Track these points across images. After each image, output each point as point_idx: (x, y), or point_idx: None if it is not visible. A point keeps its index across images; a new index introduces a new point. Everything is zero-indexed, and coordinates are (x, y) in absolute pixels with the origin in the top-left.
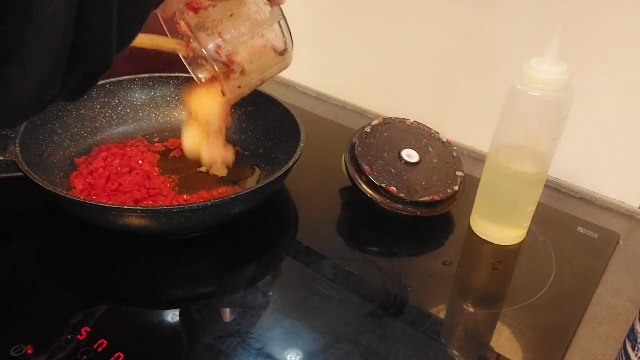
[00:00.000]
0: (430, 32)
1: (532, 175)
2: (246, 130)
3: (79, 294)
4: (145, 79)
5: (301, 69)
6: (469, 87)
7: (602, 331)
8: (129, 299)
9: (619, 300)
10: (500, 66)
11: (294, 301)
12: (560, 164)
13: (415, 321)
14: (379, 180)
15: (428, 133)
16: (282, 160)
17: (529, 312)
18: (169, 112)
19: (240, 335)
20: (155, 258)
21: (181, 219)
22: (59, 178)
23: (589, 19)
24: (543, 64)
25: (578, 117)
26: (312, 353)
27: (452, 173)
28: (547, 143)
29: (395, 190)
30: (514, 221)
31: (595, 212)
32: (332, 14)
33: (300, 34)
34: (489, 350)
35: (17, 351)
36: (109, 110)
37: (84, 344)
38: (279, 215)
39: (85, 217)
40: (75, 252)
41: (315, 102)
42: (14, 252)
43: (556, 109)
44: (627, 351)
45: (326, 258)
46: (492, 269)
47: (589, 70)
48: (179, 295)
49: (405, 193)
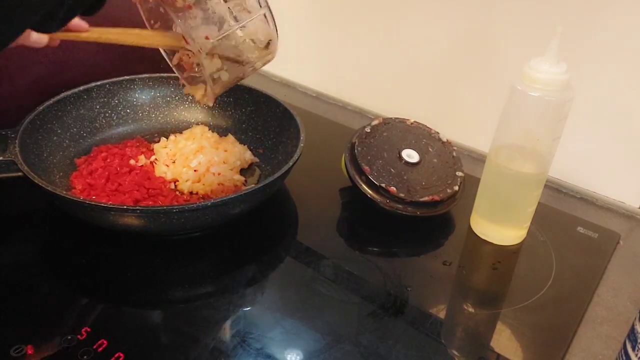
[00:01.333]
0: (430, 32)
1: (532, 175)
2: (246, 130)
3: (79, 294)
4: (145, 79)
5: (301, 69)
6: (469, 87)
7: (602, 331)
8: (129, 299)
9: (619, 300)
10: (500, 66)
11: (294, 301)
12: (560, 164)
13: (415, 321)
14: (378, 180)
15: (428, 133)
16: (282, 160)
17: (529, 312)
18: (169, 112)
19: (240, 335)
20: (155, 258)
21: (181, 219)
22: (58, 178)
23: (589, 18)
24: (543, 64)
25: (578, 117)
26: (312, 353)
27: (452, 173)
28: (547, 143)
29: (395, 190)
30: (514, 221)
31: (595, 212)
32: (332, 14)
33: (300, 34)
34: (489, 350)
35: (17, 351)
36: (108, 110)
37: (84, 344)
38: (279, 215)
39: (85, 217)
40: (75, 252)
41: (315, 102)
42: (14, 252)
43: (556, 109)
44: (627, 351)
45: (326, 258)
46: (492, 269)
47: (589, 70)
48: (179, 295)
49: (405, 193)
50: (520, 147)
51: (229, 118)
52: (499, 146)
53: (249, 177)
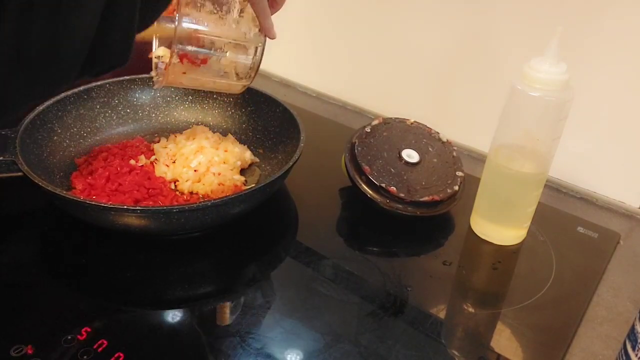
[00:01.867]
0: (430, 32)
1: (532, 175)
2: (246, 130)
3: (79, 294)
4: (145, 79)
5: (301, 69)
6: (469, 87)
7: (602, 331)
8: (129, 299)
9: (619, 300)
10: (500, 66)
11: (294, 301)
12: (560, 164)
13: (415, 321)
14: (378, 180)
15: (428, 133)
16: (282, 160)
17: (529, 312)
18: (169, 112)
19: (240, 335)
20: (155, 258)
21: (181, 219)
22: (58, 178)
23: (588, 18)
24: (543, 64)
25: (578, 117)
26: (312, 353)
27: (452, 173)
28: (547, 143)
29: (395, 190)
30: (514, 221)
31: (595, 212)
32: (332, 14)
33: (300, 34)
34: (489, 350)
35: (17, 351)
36: (108, 110)
37: (84, 344)
38: (279, 215)
39: (85, 217)
40: (75, 252)
41: (315, 102)
42: (14, 252)
43: (556, 109)
44: (627, 351)
45: (326, 258)
46: (492, 269)
47: (589, 70)
48: (179, 295)
49: (405, 193)
50: (520, 147)
51: (229, 118)
52: (499, 146)
53: (249, 177)
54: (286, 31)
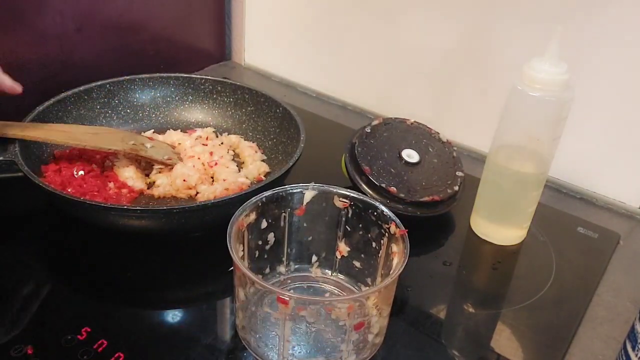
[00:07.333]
0: (430, 32)
1: (532, 175)
2: (246, 130)
3: (79, 294)
4: (145, 79)
5: (301, 69)
6: (469, 87)
7: (602, 331)
8: (129, 299)
9: (619, 300)
10: (500, 66)
11: None
12: (560, 164)
13: (415, 321)
14: (378, 180)
15: (428, 133)
16: (282, 160)
17: (529, 312)
18: (169, 112)
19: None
20: (155, 258)
21: (181, 219)
22: None
23: (589, 18)
24: (543, 64)
25: (578, 117)
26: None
27: (452, 173)
28: (547, 143)
29: (395, 190)
30: (514, 221)
31: (595, 212)
32: (332, 14)
33: (300, 34)
34: (489, 350)
35: (17, 351)
36: (108, 110)
37: (84, 344)
38: None
39: (85, 217)
40: (75, 252)
41: (315, 102)
42: (14, 252)
43: (556, 109)
44: (627, 351)
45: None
46: (492, 269)
47: (589, 70)
48: (179, 295)
49: (405, 193)
50: (520, 147)
51: (229, 118)
52: (499, 146)
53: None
54: (286, 32)
